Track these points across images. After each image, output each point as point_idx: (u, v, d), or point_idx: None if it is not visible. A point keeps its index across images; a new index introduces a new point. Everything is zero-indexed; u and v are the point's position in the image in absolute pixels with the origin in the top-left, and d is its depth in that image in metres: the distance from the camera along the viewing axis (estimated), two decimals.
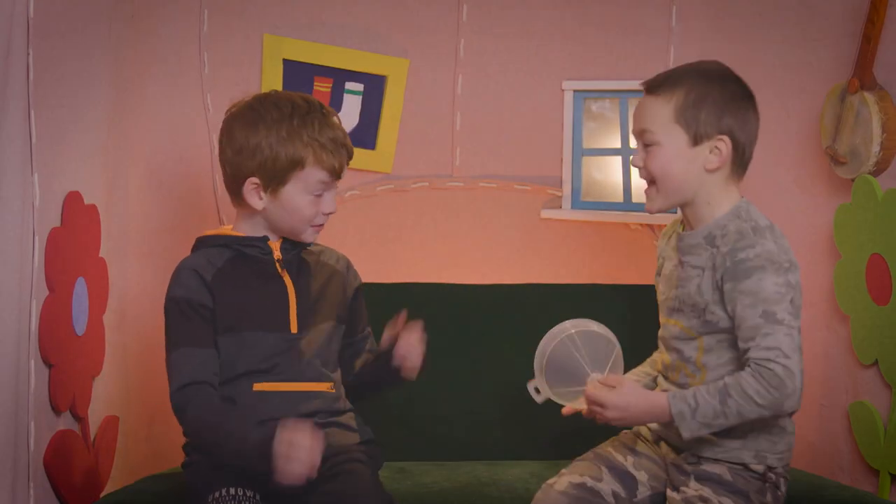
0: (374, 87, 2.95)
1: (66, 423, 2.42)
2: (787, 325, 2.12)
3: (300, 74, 2.92)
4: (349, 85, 2.95)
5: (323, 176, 2.28)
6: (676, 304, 2.26)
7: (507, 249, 2.99)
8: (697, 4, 2.96)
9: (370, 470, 2.27)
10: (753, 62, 2.83)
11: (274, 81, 2.89)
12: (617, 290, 2.86)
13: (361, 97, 2.96)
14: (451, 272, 2.87)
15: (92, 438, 2.55)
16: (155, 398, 2.31)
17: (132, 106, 2.79)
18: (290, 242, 2.34)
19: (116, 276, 2.67)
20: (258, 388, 2.26)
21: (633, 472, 2.27)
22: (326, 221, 2.34)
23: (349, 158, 2.34)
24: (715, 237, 2.21)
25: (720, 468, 2.20)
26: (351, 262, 2.44)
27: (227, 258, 2.30)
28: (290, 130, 2.25)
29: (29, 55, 2.22)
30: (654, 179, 2.24)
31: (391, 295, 2.71)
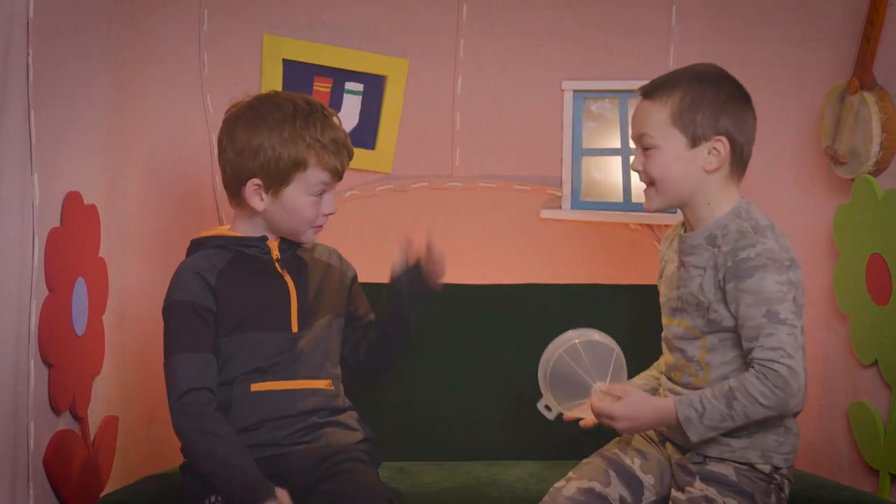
0: (373, 87, 2.95)
1: (65, 423, 2.42)
2: (789, 324, 2.13)
3: (300, 74, 2.92)
4: (349, 85, 2.95)
5: (325, 177, 2.29)
6: (678, 304, 2.27)
7: (506, 249, 2.99)
8: (697, 4, 2.96)
9: (370, 469, 2.27)
10: (753, 62, 2.83)
11: (274, 81, 2.89)
12: (616, 290, 2.86)
13: (361, 97, 2.96)
14: (450, 272, 2.84)
15: (91, 438, 2.55)
16: (154, 398, 2.31)
17: (132, 106, 2.79)
18: (286, 242, 2.35)
19: (116, 276, 2.67)
20: (256, 388, 2.26)
21: (640, 475, 2.28)
22: (326, 222, 2.35)
23: (349, 159, 2.34)
24: (716, 237, 2.22)
25: (726, 468, 2.21)
26: (339, 252, 2.44)
27: (227, 259, 2.31)
28: (292, 131, 2.26)
29: (28, 55, 2.22)
30: (653, 181, 2.26)
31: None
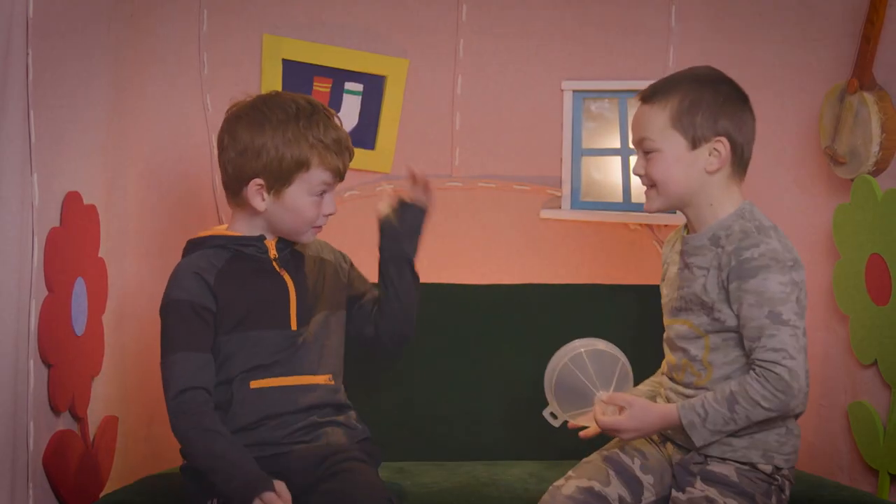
0: (373, 87, 2.95)
1: (65, 423, 2.41)
2: (792, 325, 2.13)
3: (299, 74, 2.92)
4: (348, 85, 2.95)
5: (327, 177, 2.29)
6: (682, 303, 2.28)
7: (506, 249, 2.99)
8: (697, 4, 2.96)
9: (370, 468, 2.27)
10: (753, 62, 2.83)
11: (273, 81, 2.88)
12: (616, 290, 2.86)
13: (361, 97, 2.95)
14: (450, 272, 2.86)
15: (91, 438, 2.54)
16: (154, 398, 2.31)
17: (131, 106, 2.79)
18: (283, 240, 2.35)
19: (115, 276, 2.67)
20: (255, 385, 2.26)
21: (639, 475, 2.28)
22: (326, 222, 2.35)
23: (350, 159, 2.35)
24: (720, 238, 2.23)
25: (727, 468, 2.21)
26: (329, 244, 2.45)
27: (226, 259, 2.31)
28: (295, 132, 2.26)
29: (28, 55, 2.22)
30: (655, 184, 2.27)
31: None
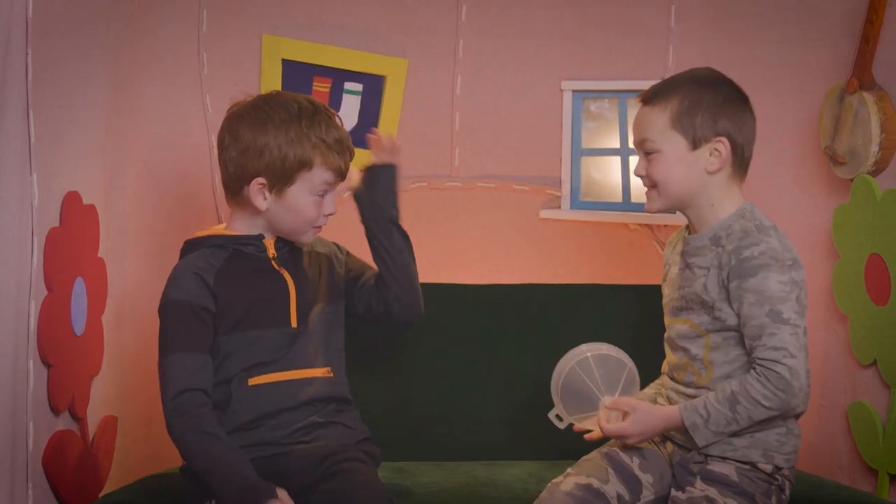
0: (372, 87, 2.95)
1: (64, 423, 2.41)
2: (792, 323, 2.14)
3: (299, 74, 2.92)
4: (348, 85, 2.95)
5: (329, 177, 2.30)
6: (683, 303, 2.29)
7: (505, 249, 2.99)
8: (697, 4, 2.96)
9: (370, 468, 2.27)
10: (752, 62, 2.83)
11: (273, 81, 2.88)
12: (616, 290, 2.86)
13: (360, 97, 2.95)
14: (449, 272, 2.86)
15: (90, 438, 2.54)
16: (154, 398, 2.31)
17: (131, 106, 2.78)
18: (282, 239, 2.35)
19: (115, 276, 2.67)
20: (253, 381, 2.26)
21: (638, 474, 2.28)
22: (326, 223, 2.35)
23: (351, 159, 2.35)
24: (720, 237, 2.24)
25: (727, 468, 2.22)
26: (321, 236, 2.44)
27: (224, 258, 2.31)
28: (298, 131, 2.26)
29: (28, 55, 2.22)
30: (656, 185, 2.29)
31: None
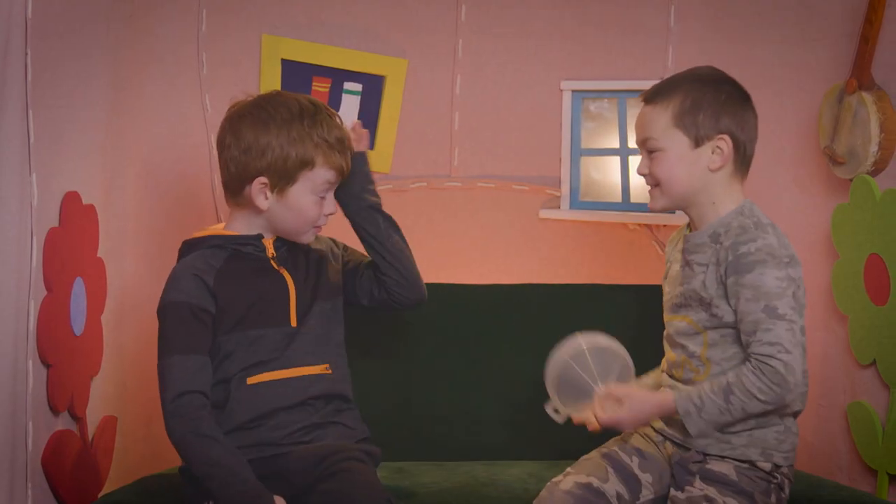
0: (372, 87, 2.95)
1: (64, 423, 2.41)
2: (788, 319, 2.15)
3: (298, 74, 2.92)
4: (348, 85, 2.95)
5: (331, 176, 2.30)
6: (682, 300, 2.30)
7: (505, 249, 2.99)
8: (696, 4, 2.96)
9: (369, 468, 2.27)
10: (752, 62, 2.83)
11: (272, 81, 2.88)
12: (615, 289, 2.86)
13: (360, 97, 2.95)
14: (449, 272, 2.86)
15: (90, 438, 2.54)
16: (153, 398, 2.31)
17: (130, 106, 2.78)
18: (281, 239, 2.35)
19: (114, 276, 2.67)
20: (252, 380, 2.26)
21: (638, 474, 2.28)
22: (326, 223, 2.35)
23: (351, 158, 2.35)
24: (719, 234, 2.25)
25: (726, 467, 2.22)
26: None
27: (224, 258, 2.31)
28: (300, 131, 2.27)
29: (27, 55, 2.22)
30: (659, 183, 2.29)
31: None
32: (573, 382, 2.30)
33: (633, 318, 2.74)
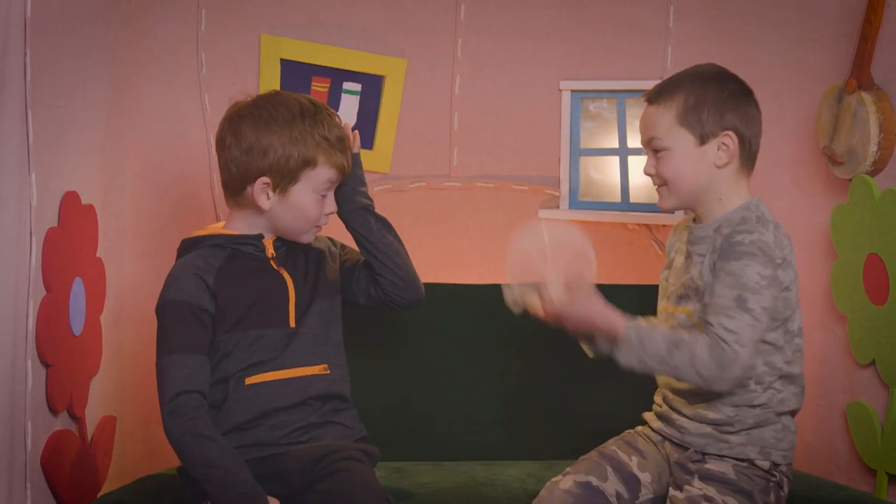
0: (371, 87, 2.95)
1: (63, 423, 2.41)
2: (754, 316, 2.15)
3: (298, 74, 2.92)
4: (347, 85, 2.95)
5: (332, 175, 2.30)
6: (683, 290, 2.31)
7: (504, 249, 2.98)
8: (695, 4, 2.96)
9: (367, 468, 2.27)
10: (751, 62, 2.83)
11: (271, 81, 2.88)
12: (615, 289, 2.84)
13: (359, 97, 2.95)
14: (448, 272, 2.86)
15: (89, 438, 2.54)
16: (152, 398, 2.31)
17: (129, 106, 2.78)
18: (280, 239, 2.35)
19: (113, 276, 2.67)
20: (250, 381, 2.26)
21: (637, 473, 2.28)
22: (327, 222, 2.35)
23: (351, 157, 2.35)
24: (722, 226, 2.26)
25: (725, 466, 2.22)
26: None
27: (224, 258, 2.31)
28: (301, 130, 2.27)
29: (26, 55, 2.22)
30: (666, 182, 2.30)
31: None
32: (528, 256, 2.28)
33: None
